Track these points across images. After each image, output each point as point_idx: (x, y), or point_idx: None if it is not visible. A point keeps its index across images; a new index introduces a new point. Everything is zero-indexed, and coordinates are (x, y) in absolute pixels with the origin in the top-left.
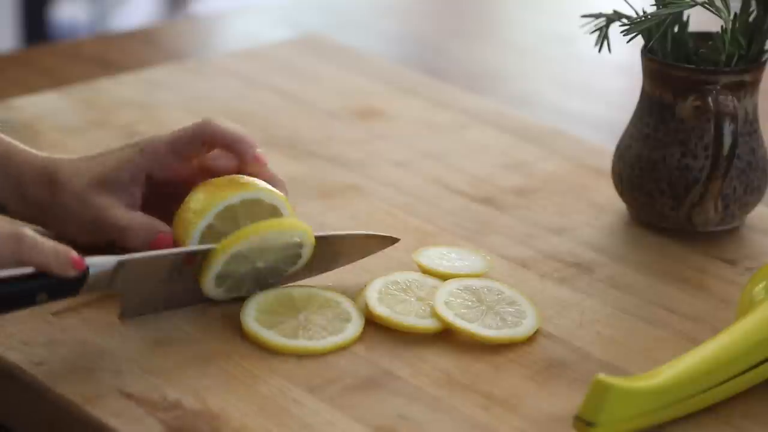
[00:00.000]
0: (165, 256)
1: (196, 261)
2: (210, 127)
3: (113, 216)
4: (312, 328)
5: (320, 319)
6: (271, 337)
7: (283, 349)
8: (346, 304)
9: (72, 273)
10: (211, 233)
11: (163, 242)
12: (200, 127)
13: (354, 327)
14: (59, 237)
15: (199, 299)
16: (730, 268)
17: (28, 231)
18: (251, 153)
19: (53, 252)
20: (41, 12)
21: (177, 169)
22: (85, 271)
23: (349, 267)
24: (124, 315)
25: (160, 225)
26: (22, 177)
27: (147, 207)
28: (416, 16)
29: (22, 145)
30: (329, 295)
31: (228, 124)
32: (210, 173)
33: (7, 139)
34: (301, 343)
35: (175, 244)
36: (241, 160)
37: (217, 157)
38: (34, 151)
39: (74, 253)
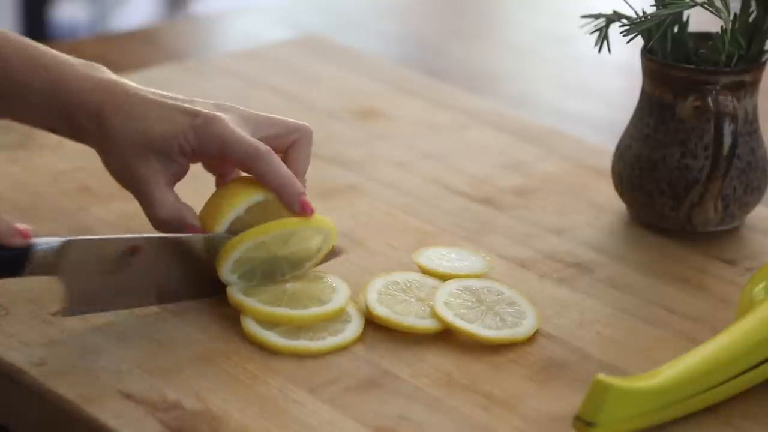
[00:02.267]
0: (113, 241)
1: (143, 251)
2: (260, 167)
3: (148, 193)
4: (312, 329)
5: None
6: (271, 337)
7: (283, 349)
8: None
9: (17, 242)
10: (239, 225)
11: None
12: (253, 161)
13: (354, 327)
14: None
15: (144, 300)
16: (730, 268)
17: None
18: (295, 204)
19: None
20: (41, 12)
21: (220, 162)
22: (30, 247)
23: (349, 267)
24: (66, 310)
25: (188, 214)
26: (71, 108)
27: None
28: (416, 17)
29: (72, 66)
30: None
31: (278, 167)
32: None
33: (55, 59)
34: (302, 343)
35: (203, 231)
36: (286, 207)
37: None
38: (87, 72)
39: (20, 225)
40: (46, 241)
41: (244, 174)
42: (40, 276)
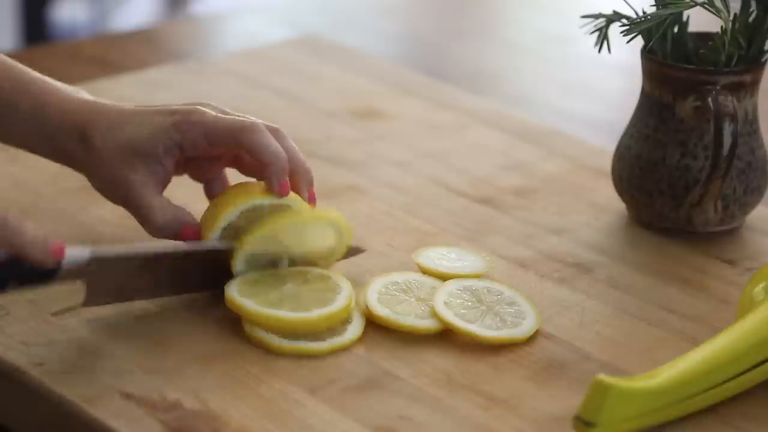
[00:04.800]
0: (139, 254)
1: (169, 258)
2: (248, 137)
3: (144, 203)
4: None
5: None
6: (272, 338)
7: (285, 350)
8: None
9: (50, 263)
10: (233, 231)
11: (190, 234)
12: (240, 133)
13: (355, 328)
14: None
15: (164, 291)
16: (730, 269)
17: (11, 215)
18: (276, 182)
19: (35, 240)
20: (41, 12)
21: (207, 149)
22: (60, 263)
23: (349, 267)
24: (87, 303)
25: (187, 216)
26: (55, 130)
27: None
28: (416, 16)
29: (57, 89)
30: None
31: (268, 139)
32: (235, 156)
33: (40, 83)
34: (302, 344)
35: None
36: (266, 182)
37: None
38: (70, 95)
39: (54, 243)
40: (75, 254)
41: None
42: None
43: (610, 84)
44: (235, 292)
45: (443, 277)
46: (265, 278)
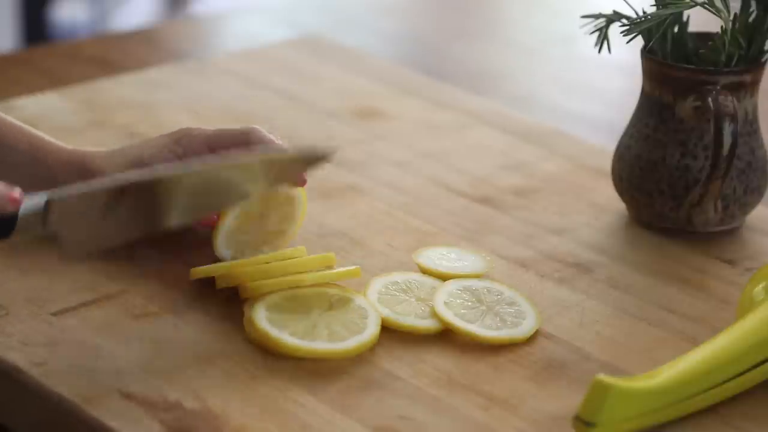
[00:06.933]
0: (98, 191)
1: (129, 193)
2: (258, 135)
3: None
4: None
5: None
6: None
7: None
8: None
9: (11, 209)
10: (245, 216)
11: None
12: (246, 134)
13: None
14: None
15: (137, 232)
16: (730, 269)
17: None
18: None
19: None
20: (41, 12)
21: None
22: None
23: (349, 267)
24: (63, 255)
25: None
26: (53, 168)
27: None
28: (416, 16)
29: (48, 137)
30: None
31: (271, 137)
32: None
33: (34, 131)
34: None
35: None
36: None
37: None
38: (61, 143)
39: (14, 191)
40: (30, 201)
41: None
42: (30, 235)
43: (610, 84)
44: (266, 323)
45: (443, 277)
46: (286, 303)
